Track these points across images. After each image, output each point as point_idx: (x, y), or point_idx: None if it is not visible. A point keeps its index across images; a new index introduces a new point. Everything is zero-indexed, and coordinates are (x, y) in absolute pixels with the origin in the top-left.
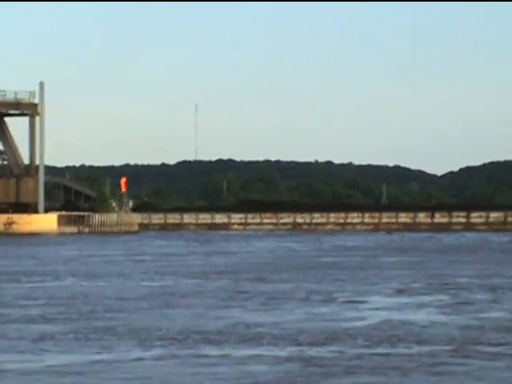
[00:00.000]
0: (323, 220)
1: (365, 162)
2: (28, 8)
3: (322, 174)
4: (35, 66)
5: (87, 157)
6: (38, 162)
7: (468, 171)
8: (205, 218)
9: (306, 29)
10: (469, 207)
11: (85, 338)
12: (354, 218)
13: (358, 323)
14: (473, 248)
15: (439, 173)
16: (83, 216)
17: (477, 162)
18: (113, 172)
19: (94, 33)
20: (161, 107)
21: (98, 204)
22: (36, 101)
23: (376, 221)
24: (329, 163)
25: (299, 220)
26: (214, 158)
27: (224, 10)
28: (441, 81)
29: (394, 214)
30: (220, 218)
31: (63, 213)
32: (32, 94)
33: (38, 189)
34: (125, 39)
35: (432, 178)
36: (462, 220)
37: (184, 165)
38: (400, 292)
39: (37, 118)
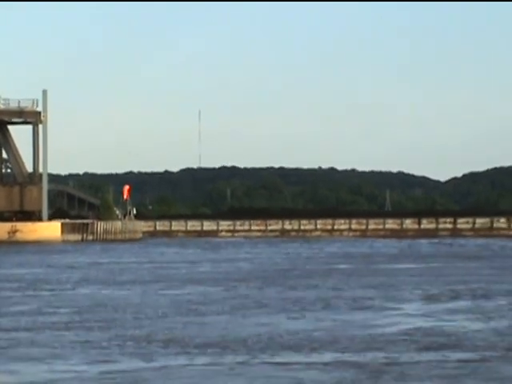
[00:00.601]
0: (311, 226)
1: (368, 169)
2: (30, 16)
3: (325, 181)
4: (38, 75)
5: (90, 164)
6: (41, 169)
7: (472, 177)
8: (194, 225)
9: (309, 33)
10: (474, 213)
11: (126, 345)
12: (341, 224)
13: (393, 329)
14: (495, 254)
15: (443, 179)
16: (87, 224)
17: (480, 167)
18: (116, 180)
19: (97, 40)
20: (164, 114)
21: (102, 212)
22: (39, 109)
23: (363, 227)
24: (332, 170)
25: (287, 227)
26: (217, 165)
27: (227, 15)
28: (445, 87)
29: (381, 221)
30: (209, 226)
31: (67, 221)
32: (35, 102)
33: (42, 197)
34: (127, 47)
35: (436, 183)
36: (449, 226)
37: (187, 172)
38: (427, 298)
39: (40, 126)
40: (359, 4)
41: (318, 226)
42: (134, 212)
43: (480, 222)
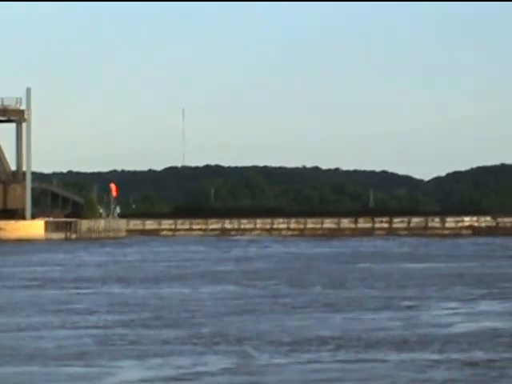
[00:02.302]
0: (250, 226)
1: (352, 168)
2: (13, 12)
3: (309, 180)
4: (21, 73)
5: (74, 163)
6: (25, 168)
7: (455, 176)
8: (136, 224)
9: (294, 34)
10: (410, 213)
11: (201, 344)
12: (280, 223)
13: (455, 330)
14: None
15: (426, 178)
16: (70, 222)
17: (464, 166)
18: (100, 178)
19: (81, 39)
20: (148, 113)
21: (86, 210)
22: (23, 107)
23: (302, 226)
24: (316, 169)
25: (227, 226)
26: (201, 164)
27: (212, 13)
28: (428, 86)
29: (319, 220)
30: (151, 224)
31: (50, 219)
32: (18, 100)
33: (26, 195)
34: (112, 45)
35: (419, 182)
36: (385, 225)
37: (171, 171)
38: (460, 299)
39: (23, 125)
40: (345, 4)
41: (258, 226)
42: (118, 211)
43: (415, 221)
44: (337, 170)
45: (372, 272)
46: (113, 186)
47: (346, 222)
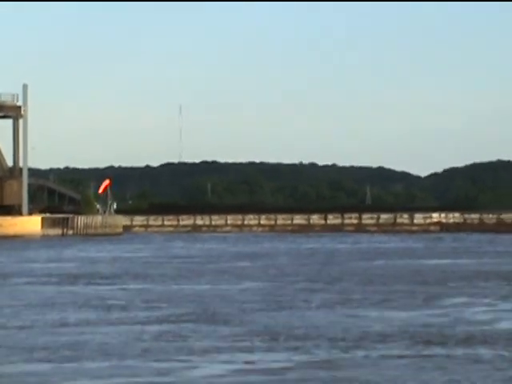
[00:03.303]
0: (221, 222)
1: (349, 164)
2: (9, 8)
3: (306, 176)
4: (18, 69)
5: (71, 159)
6: (21, 164)
7: (452, 172)
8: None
9: (290, 29)
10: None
11: (263, 340)
12: (251, 219)
13: (501, 326)
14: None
15: (423, 174)
16: (67, 218)
17: (460, 163)
18: (97, 174)
19: (78, 35)
20: (145, 109)
21: (83, 206)
22: (19, 103)
23: (272, 222)
24: (313, 165)
25: (199, 222)
26: (198, 160)
27: (209, 11)
28: (424, 83)
29: (289, 216)
30: (125, 221)
31: (47, 215)
32: (15, 96)
33: (22, 191)
34: (109, 40)
35: (416, 179)
36: (354, 221)
37: (168, 167)
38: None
39: (20, 121)
40: (346, 4)
41: (229, 222)
42: (115, 207)
43: (384, 217)
44: (333, 166)
45: (392, 268)
46: (104, 183)
47: (315, 219)
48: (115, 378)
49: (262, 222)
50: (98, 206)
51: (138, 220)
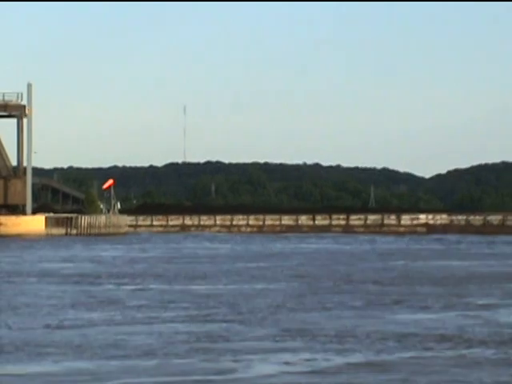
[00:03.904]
0: (210, 222)
1: (353, 165)
2: (14, 8)
3: (310, 176)
4: (23, 68)
5: (75, 158)
6: (25, 163)
7: (456, 173)
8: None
9: (294, 31)
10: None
11: (301, 340)
12: (240, 220)
13: None
14: None
15: (427, 175)
16: (71, 218)
17: (465, 164)
18: (101, 174)
19: (82, 35)
20: (149, 109)
21: (86, 206)
22: (24, 102)
23: (260, 223)
24: (317, 165)
25: (188, 222)
26: (202, 160)
27: (213, 12)
28: (429, 84)
29: (277, 217)
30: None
31: (51, 214)
32: (19, 95)
33: (26, 190)
34: (113, 40)
35: (420, 180)
36: (342, 222)
37: (172, 167)
38: None
39: (24, 120)
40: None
41: (218, 222)
42: (119, 206)
43: (371, 218)
44: (338, 166)
45: (413, 269)
46: (109, 181)
47: (304, 219)
48: (169, 376)
49: (251, 222)
50: (101, 205)
51: (127, 220)
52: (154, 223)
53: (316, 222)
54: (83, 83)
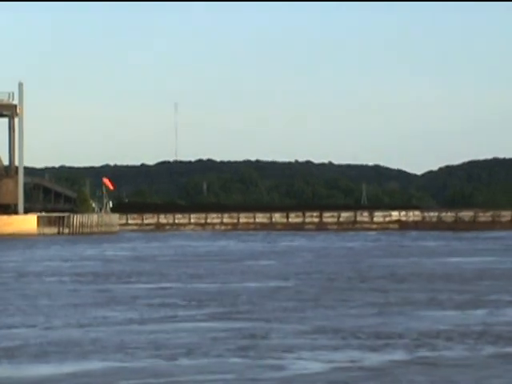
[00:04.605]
0: (185, 221)
1: (344, 162)
2: (5, 8)
3: (301, 174)
4: (14, 67)
5: (67, 157)
6: (17, 162)
7: (448, 170)
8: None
9: (283, 29)
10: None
11: (337, 338)
12: (214, 218)
13: None
14: None
15: (419, 172)
16: (63, 217)
17: (456, 161)
18: (92, 173)
19: (73, 34)
20: (140, 107)
21: (78, 205)
22: (15, 102)
23: (235, 221)
24: (309, 163)
25: (162, 220)
26: (193, 159)
27: (202, 10)
28: (420, 81)
29: (251, 215)
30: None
31: (43, 214)
32: (11, 95)
33: (18, 190)
34: (104, 40)
35: (412, 177)
36: (316, 220)
37: (164, 165)
38: None
39: (16, 119)
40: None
41: (192, 220)
42: (110, 205)
43: (344, 215)
44: (329, 164)
45: (424, 267)
46: (106, 181)
47: (278, 217)
48: (219, 374)
49: (225, 220)
50: (93, 204)
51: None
52: (130, 222)
53: (290, 220)
54: (74, 82)
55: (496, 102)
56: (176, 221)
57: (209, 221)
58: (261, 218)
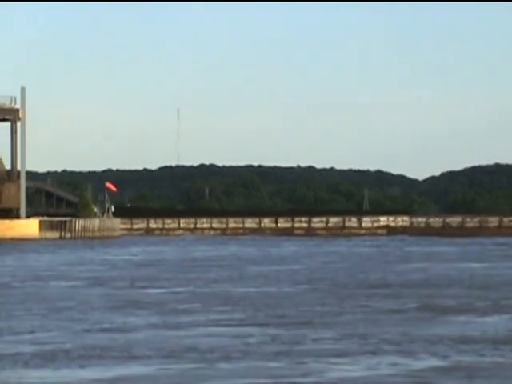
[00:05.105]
0: (175, 225)
1: (346, 167)
2: (7, 11)
3: (304, 179)
4: (16, 72)
5: (69, 162)
6: (19, 167)
7: (449, 175)
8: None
9: (286, 33)
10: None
11: (369, 343)
12: (203, 223)
13: None
14: None
15: (421, 177)
16: (65, 221)
17: (458, 166)
18: (95, 177)
19: (75, 39)
20: (143, 112)
21: (80, 209)
22: (17, 106)
23: (224, 226)
24: (311, 168)
25: (152, 225)
26: (196, 163)
27: (208, 12)
28: (422, 86)
29: (240, 220)
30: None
31: (45, 218)
32: (13, 99)
33: (20, 194)
34: (107, 44)
35: (414, 182)
36: (304, 225)
37: (166, 170)
38: None
39: (18, 124)
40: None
41: (182, 225)
42: (112, 209)
43: (333, 221)
44: (331, 169)
45: (436, 272)
46: (110, 185)
47: (266, 222)
48: (260, 378)
49: (214, 225)
50: (95, 209)
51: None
52: (120, 226)
53: (279, 225)
54: (77, 87)
55: (498, 108)
56: (165, 225)
57: (198, 226)
58: (250, 222)
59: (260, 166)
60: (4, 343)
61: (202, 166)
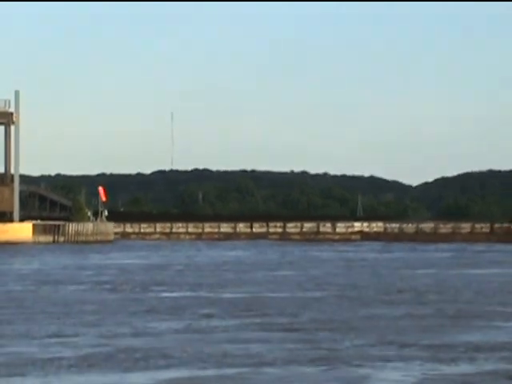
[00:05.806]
0: (151, 230)
1: (340, 173)
2: (1, 13)
3: (297, 184)
4: (10, 75)
5: (63, 166)
6: (13, 170)
7: (443, 182)
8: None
9: (282, 38)
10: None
11: (405, 349)
12: (179, 228)
13: None
14: None
15: (414, 183)
16: (58, 225)
17: (451, 172)
18: (88, 181)
19: (70, 42)
20: (137, 116)
21: (74, 213)
22: (11, 110)
23: (200, 230)
24: (304, 173)
25: (128, 230)
26: (189, 168)
27: (203, 15)
28: (415, 93)
29: (216, 224)
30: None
31: (38, 222)
32: (7, 102)
33: (14, 198)
34: (100, 48)
35: (407, 188)
36: (279, 230)
37: (160, 174)
38: None
39: (12, 127)
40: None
41: (158, 230)
42: (106, 214)
43: (307, 226)
44: (325, 174)
45: (442, 279)
46: (101, 190)
47: (241, 227)
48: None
49: (190, 230)
50: (89, 213)
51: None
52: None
53: (253, 230)
54: (70, 91)
55: (492, 115)
56: (142, 230)
57: (174, 230)
58: (225, 227)
59: (254, 171)
60: (34, 346)
61: (196, 170)
